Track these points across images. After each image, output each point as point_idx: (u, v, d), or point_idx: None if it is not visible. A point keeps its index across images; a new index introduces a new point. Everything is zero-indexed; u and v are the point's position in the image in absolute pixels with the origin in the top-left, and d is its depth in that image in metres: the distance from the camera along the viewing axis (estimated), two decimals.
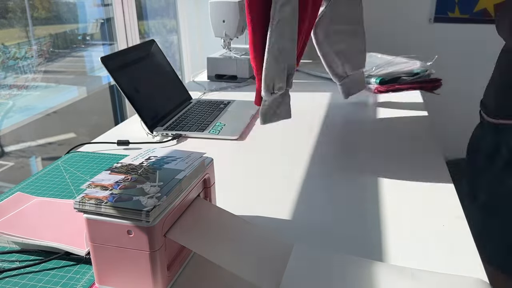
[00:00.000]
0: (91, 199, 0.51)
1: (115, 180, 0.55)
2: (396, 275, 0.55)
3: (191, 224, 0.57)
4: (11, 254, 0.63)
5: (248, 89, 1.50)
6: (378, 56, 1.69)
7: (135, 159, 0.62)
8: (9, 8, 1.31)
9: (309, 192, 0.80)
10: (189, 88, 1.36)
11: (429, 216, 0.71)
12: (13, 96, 1.35)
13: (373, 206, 0.74)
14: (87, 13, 1.67)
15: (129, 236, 0.50)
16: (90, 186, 0.54)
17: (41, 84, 1.47)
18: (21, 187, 0.83)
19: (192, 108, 1.24)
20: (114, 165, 0.60)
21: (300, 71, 1.70)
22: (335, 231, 0.68)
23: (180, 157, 0.63)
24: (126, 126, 1.17)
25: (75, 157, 0.97)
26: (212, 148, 1.01)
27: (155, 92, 1.17)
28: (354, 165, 0.90)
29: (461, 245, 0.64)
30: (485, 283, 0.54)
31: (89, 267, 0.60)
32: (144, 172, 0.58)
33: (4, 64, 1.30)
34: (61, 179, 0.86)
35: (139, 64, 1.16)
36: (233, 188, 0.82)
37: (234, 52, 1.61)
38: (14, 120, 1.38)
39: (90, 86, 1.72)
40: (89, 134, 1.67)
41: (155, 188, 0.53)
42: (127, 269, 0.53)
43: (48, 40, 1.49)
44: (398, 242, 0.65)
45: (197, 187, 0.61)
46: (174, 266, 0.57)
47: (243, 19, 1.51)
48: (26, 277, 0.59)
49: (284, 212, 0.74)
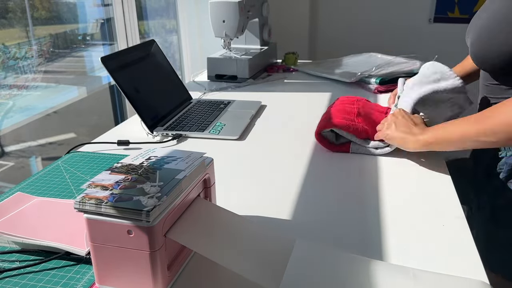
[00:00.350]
0: (91, 199, 0.51)
1: (115, 180, 0.56)
2: (398, 275, 0.55)
3: (191, 223, 0.57)
4: (11, 254, 0.63)
5: (248, 89, 1.50)
6: (378, 56, 1.70)
7: (135, 159, 0.62)
8: (9, 8, 1.31)
9: (309, 192, 0.80)
10: (189, 88, 1.36)
11: (429, 216, 0.71)
12: (13, 96, 1.35)
13: (373, 206, 0.74)
14: (87, 13, 1.67)
15: (129, 236, 0.51)
16: (91, 186, 0.54)
17: (41, 84, 1.47)
18: (22, 187, 0.83)
19: (192, 108, 1.24)
20: (115, 165, 0.60)
21: (300, 71, 1.70)
22: (335, 231, 0.68)
23: (180, 157, 0.63)
24: (126, 126, 1.17)
25: (75, 157, 0.97)
26: (212, 148, 1.01)
27: (155, 92, 1.17)
28: (354, 165, 0.90)
29: (461, 245, 0.64)
30: (488, 285, 0.54)
31: (89, 267, 0.60)
32: (144, 172, 0.58)
33: (4, 64, 1.30)
34: (61, 179, 0.86)
35: (139, 64, 1.16)
36: (233, 188, 0.82)
37: (234, 52, 1.61)
38: (14, 120, 1.38)
39: (90, 86, 1.71)
40: (89, 134, 1.67)
41: (155, 188, 0.53)
42: (127, 269, 0.53)
43: (48, 40, 1.49)
44: (398, 242, 0.65)
45: (197, 187, 0.61)
46: (174, 266, 0.57)
47: (243, 19, 1.51)
48: (26, 277, 0.59)
49: (284, 212, 0.74)
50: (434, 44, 2.47)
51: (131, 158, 0.63)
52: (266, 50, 1.73)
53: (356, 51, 1.84)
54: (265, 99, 1.35)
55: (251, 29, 1.72)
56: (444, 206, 0.74)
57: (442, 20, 2.44)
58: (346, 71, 1.55)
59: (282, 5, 2.43)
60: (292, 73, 1.69)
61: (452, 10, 2.42)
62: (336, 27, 2.58)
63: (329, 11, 2.58)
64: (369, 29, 2.54)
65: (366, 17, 2.53)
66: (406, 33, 2.49)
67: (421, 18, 2.47)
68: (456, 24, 2.43)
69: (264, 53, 1.72)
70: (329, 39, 2.61)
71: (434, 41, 2.48)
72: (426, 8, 2.45)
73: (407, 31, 2.48)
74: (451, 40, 2.46)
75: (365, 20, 2.54)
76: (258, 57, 1.64)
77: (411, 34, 2.49)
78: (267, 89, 1.48)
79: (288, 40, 2.35)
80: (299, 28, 2.54)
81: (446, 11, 2.43)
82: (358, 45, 2.49)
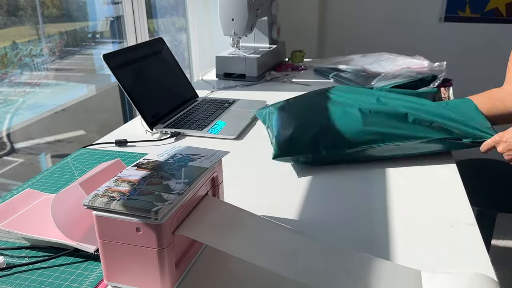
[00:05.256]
0: (114, 192, 0.52)
1: (141, 176, 0.56)
2: (406, 276, 0.55)
3: (200, 219, 0.57)
4: (21, 250, 0.64)
5: (257, 88, 1.49)
6: (384, 55, 1.67)
7: (161, 155, 0.63)
8: (20, 6, 1.32)
9: (310, 192, 0.80)
10: (197, 87, 1.36)
11: (439, 220, 0.70)
12: (27, 94, 1.36)
13: (379, 207, 0.74)
14: (97, 11, 1.67)
15: (137, 233, 0.51)
16: (118, 181, 0.55)
17: (51, 82, 1.48)
18: (31, 184, 0.84)
19: (196, 107, 1.24)
20: (140, 161, 0.61)
21: (316, 70, 1.69)
22: (337, 232, 0.68)
23: (205, 155, 0.63)
24: (135, 124, 1.17)
25: (85, 154, 0.97)
26: (209, 147, 1.00)
27: (158, 90, 1.17)
28: (356, 164, 0.90)
29: (472, 248, 0.63)
30: (493, 280, 0.53)
31: (97, 264, 0.60)
32: (170, 169, 0.58)
33: (21, 62, 1.32)
34: (70, 176, 0.87)
35: (144, 62, 1.16)
36: (232, 188, 0.82)
37: (243, 50, 1.61)
38: (23, 118, 1.39)
39: (99, 84, 1.72)
40: (99, 131, 1.68)
41: (180, 185, 0.54)
42: (136, 266, 0.53)
43: (62, 38, 1.50)
44: (406, 244, 0.64)
45: (205, 185, 0.61)
46: (182, 264, 0.57)
47: (252, 18, 1.51)
48: (36, 273, 0.59)
49: (284, 212, 0.73)
50: (445, 43, 2.45)
51: (157, 154, 0.64)
52: (274, 49, 1.73)
53: (365, 49, 1.83)
54: (271, 98, 1.34)
55: (260, 28, 1.72)
56: (454, 212, 0.73)
57: (453, 19, 2.42)
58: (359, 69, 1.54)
59: (291, 3, 2.43)
60: (301, 72, 1.69)
61: (463, 9, 2.40)
62: (345, 25, 2.57)
63: (338, 9, 2.57)
64: (378, 28, 2.52)
65: (375, 16, 2.52)
66: (416, 32, 2.47)
67: (432, 17, 2.45)
68: (467, 23, 2.41)
69: (273, 51, 1.71)
70: (338, 37, 2.60)
71: (444, 40, 2.46)
72: (436, 7, 2.43)
73: (418, 30, 2.46)
74: (462, 39, 2.44)
75: (375, 18, 2.52)
76: (266, 56, 1.64)
77: (421, 33, 2.47)
78: (275, 88, 1.48)
79: (297, 39, 2.34)
80: (307, 27, 2.53)
81: (457, 10, 2.41)
82: (367, 44, 2.48)
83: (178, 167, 0.59)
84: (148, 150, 0.98)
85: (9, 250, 0.64)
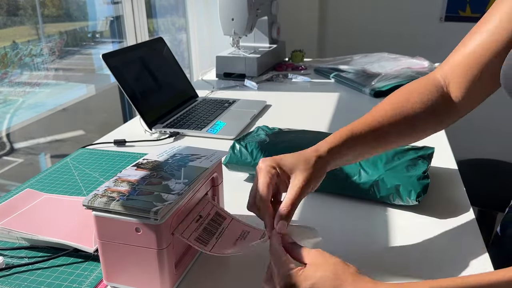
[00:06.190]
0: (113, 192, 0.52)
1: (141, 176, 0.56)
2: None
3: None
4: (20, 250, 0.64)
5: (257, 88, 1.49)
6: (385, 55, 1.67)
7: (160, 155, 0.63)
8: (19, 6, 1.32)
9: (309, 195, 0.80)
10: (197, 87, 1.35)
11: (439, 220, 0.70)
12: (26, 94, 1.36)
13: (379, 208, 0.74)
14: (96, 11, 1.67)
15: (137, 234, 0.50)
16: (117, 181, 0.55)
17: (51, 82, 1.48)
18: (30, 184, 0.83)
19: (196, 106, 1.24)
20: (140, 161, 0.61)
21: (316, 69, 1.69)
22: (338, 232, 0.68)
23: (204, 155, 0.63)
24: (135, 124, 1.17)
25: (84, 154, 0.97)
26: (208, 147, 0.99)
27: (157, 90, 1.17)
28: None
29: (472, 248, 0.63)
30: None
31: (97, 264, 0.60)
32: (169, 169, 0.58)
33: (21, 61, 1.32)
34: (70, 176, 0.87)
35: (143, 62, 1.16)
36: (230, 189, 0.81)
37: (243, 50, 1.61)
38: (23, 117, 1.38)
39: (99, 83, 1.72)
40: (98, 131, 1.68)
41: (180, 185, 0.54)
42: (135, 267, 0.53)
43: (61, 38, 1.50)
44: (405, 242, 0.64)
45: (205, 185, 0.61)
46: (182, 264, 0.56)
47: (252, 17, 1.51)
48: (35, 273, 0.59)
49: None
50: (445, 43, 2.44)
51: (156, 154, 0.63)
52: (275, 49, 1.73)
53: (366, 49, 1.82)
54: (271, 98, 1.34)
55: (260, 27, 1.72)
56: (455, 212, 0.73)
57: (453, 19, 2.42)
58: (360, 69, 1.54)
59: (291, 3, 2.42)
60: (301, 72, 1.68)
61: (463, 9, 2.39)
62: (345, 25, 2.57)
63: (338, 9, 2.56)
64: (378, 28, 2.52)
65: (375, 15, 2.51)
66: (417, 32, 2.46)
67: (432, 17, 2.45)
68: (468, 23, 2.40)
69: (273, 51, 1.71)
70: (338, 37, 2.60)
71: (445, 40, 2.45)
72: (437, 6, 2.43)
73: (418, 29, 2.46)
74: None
75: (375, 18, 2.52)
76: (266, 56, 1.64)
77: (422, 32, 2.46)
78: (275, 88, 1.48)
79: (297, 39, 2.34)
80: (308, 27, 2.52)
81: (458, 10, 2.40)
82: (367, 44, 2.48)
83: (178, 167, 0.59)
84: (147, 150, 0.98)
85: (8, 250, 0.64)
